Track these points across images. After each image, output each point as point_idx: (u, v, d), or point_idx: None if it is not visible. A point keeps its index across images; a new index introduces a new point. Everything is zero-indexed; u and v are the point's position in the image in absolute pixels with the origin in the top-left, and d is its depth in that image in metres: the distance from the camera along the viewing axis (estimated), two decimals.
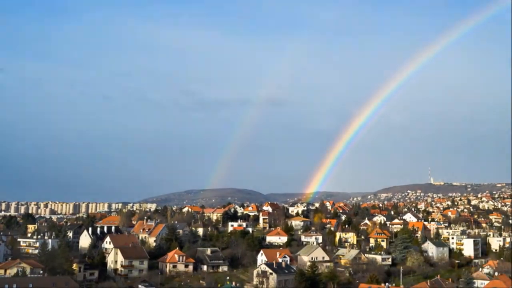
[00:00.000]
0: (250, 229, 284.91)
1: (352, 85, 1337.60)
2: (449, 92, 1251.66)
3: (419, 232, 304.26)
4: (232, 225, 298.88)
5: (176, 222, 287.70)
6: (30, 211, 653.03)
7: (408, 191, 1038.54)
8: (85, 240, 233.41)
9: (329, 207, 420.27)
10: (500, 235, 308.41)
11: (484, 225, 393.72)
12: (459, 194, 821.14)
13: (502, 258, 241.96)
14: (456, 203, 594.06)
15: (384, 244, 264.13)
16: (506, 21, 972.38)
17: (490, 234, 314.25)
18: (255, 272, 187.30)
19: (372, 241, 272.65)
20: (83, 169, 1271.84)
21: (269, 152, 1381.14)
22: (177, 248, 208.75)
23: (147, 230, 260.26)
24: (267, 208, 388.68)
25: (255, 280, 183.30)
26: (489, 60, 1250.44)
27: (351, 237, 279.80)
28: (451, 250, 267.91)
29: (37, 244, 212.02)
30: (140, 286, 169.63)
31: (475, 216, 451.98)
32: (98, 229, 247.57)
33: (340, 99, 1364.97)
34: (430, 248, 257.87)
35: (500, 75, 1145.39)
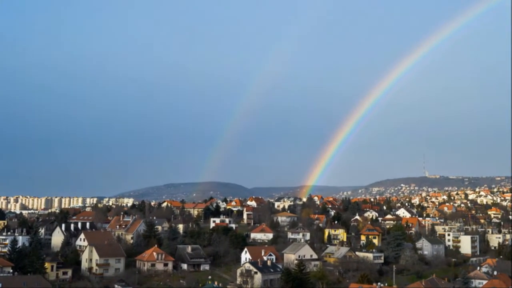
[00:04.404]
0: (233, 225, 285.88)
1: (348, 81, 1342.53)
2: (447, 83, 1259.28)
3: (413, 229, 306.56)
4: (214, 221, 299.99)
5: (154, 218, 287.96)
6: None
7: (402, 184, 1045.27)
8: (57, 237, 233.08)
9: (318, 202, 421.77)
10: (499, 231, 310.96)
11: (482, 221, 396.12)
12: (456, 188, 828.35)
13: (501, 256, 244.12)
14: (452, 197, 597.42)
15: (376, 241, 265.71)
16: (506, 14, 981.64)
17: (488, 231, 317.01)
18: (238, 271, 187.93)
19: (363, 238, 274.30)
20: (55, 161, 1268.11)
21: (254, 144, 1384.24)
22: (156, 246, 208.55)
23: (123, 226, 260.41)
24: (252, 203, 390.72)
25: (239, 280, 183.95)
26: (488, 52, 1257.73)
27: (341, 233, 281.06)
28: (447, 248, 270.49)
29: (7, 241, 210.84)
30: (116, 286, 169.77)
31: (473, 212, 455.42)
32: (72, 225, 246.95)
33: (335, 95, 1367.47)
34: (425, 246, 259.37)
35: (500, 67, 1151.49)
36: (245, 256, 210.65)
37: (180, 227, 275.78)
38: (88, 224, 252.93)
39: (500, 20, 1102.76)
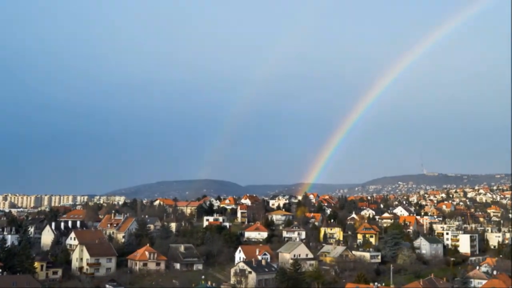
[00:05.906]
0: (227, 224, 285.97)
1: (349, 80, 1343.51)
2: (446, 80, 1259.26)
3: (411, 227, 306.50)
4: (207, 220, 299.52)
5: (146, 216, 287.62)
6: None
7: (399, 182, 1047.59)
8: (47, 236, 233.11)
9: (313, 200, 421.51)
10: (499, 230, 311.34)
11: (481, 219, 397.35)
12: (455, 186, 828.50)
13: (501, 255, 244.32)
14: (451, 195, 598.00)
15: (373, 240, 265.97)
16: (506, 9, 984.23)
17: (488, 229, 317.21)
18: (232, 270, 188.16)
19: (359, 237, 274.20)
20: (45, 158, 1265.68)
21: (248, 142, 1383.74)
22: (148, 245, 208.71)
23: (115, 225, 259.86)
24: (246, 201, 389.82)
25: (233, 279, 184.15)
26: (488, 49, 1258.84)
27: (337, 232, 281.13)
28: (445, 247, 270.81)
29: None
30: (107, 286, 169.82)
31: (472, 210, 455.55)
32: (62, 224, 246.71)
33: (331, 91, 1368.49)
34: (423, 245, 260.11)
35: (500, 64, 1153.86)
36: (239, 255, 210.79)
37: (173, 225, 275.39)
38: (78, 222, 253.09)
39: (500, 19, 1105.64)
